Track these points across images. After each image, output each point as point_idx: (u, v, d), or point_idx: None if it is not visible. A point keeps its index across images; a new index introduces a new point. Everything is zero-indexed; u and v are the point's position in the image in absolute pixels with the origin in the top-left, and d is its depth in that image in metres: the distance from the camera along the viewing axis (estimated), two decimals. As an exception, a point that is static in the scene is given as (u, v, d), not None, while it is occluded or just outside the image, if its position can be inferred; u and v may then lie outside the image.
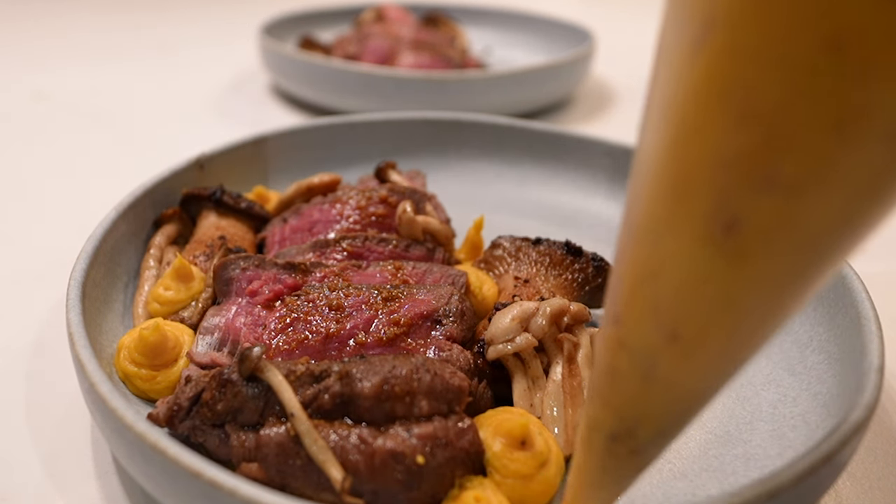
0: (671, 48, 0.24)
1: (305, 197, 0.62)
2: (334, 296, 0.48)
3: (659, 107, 0.25)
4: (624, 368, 0.29)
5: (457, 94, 0.98)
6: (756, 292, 0.25)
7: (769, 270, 0.24)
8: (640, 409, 0.30)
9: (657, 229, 0.26)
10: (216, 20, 1.75)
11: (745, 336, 0.26)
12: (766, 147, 0.22)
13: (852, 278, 0.48)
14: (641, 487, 0.42)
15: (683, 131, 0.24)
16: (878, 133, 0.21)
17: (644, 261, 0.27)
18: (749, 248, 0.23)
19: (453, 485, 0.38)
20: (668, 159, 0.25)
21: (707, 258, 0.24)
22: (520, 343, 0.45)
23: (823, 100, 0.20)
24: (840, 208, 0.22)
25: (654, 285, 0.27)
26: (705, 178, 0.23)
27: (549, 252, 0.55)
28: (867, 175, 0.21)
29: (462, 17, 1.45)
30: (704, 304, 0.25)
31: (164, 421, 0.39)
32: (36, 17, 1.65)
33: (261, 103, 1.15)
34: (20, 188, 0.84)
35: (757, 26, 0.21)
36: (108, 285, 0.52)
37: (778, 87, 0.21)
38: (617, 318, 0.29)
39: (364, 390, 0.38)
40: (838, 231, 0.23)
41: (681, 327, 0.26)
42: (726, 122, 0.22)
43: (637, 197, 0.27)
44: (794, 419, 0.44)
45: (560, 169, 0.76)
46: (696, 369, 0.28)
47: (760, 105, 0.21)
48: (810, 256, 0.24)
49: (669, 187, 0.25)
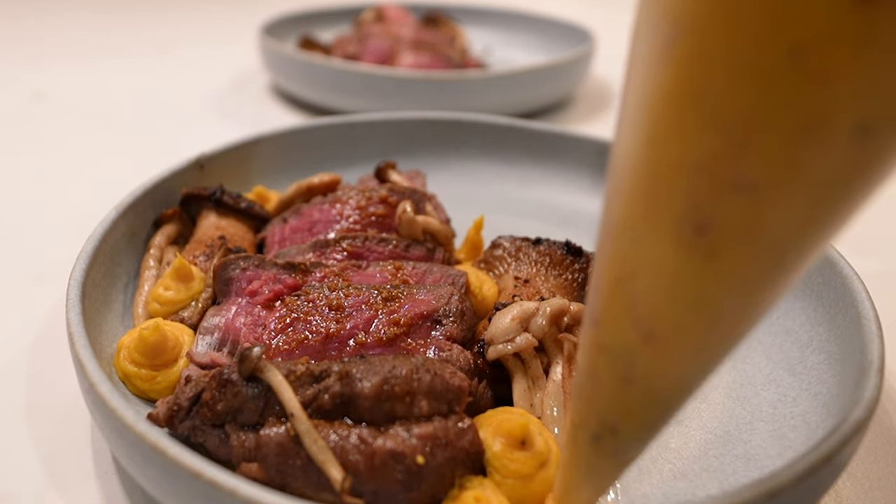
0: (643, 51, 0.24)
1: (305, 197, 0.62)
2: (334, 296, 0.48)
3: (632, 109, 0.25)
4: (603, 370, 0.30)
5: (457, 94, 0.98)
6: (728, 291, 0.25)
7: (740, 270, 0.24)
8: (621, 410, 0.31)
9: (633, 230, 0.26)
10: (216, 20, 1.75)
11: (719, 334, 0.27)
12: (733, 150, 0.22)
13: (852, 278, 0.48)
14: (641, 487, 0.42)
15: (655, 134, 0.24)
16: (841, 135, 0.21)
17: (620, 261, 0.27)
18: (720, 248, 0.24)
19: (453, 485, 0.38)
20: (641, 161, 0.25)
21: (680, 258, 0.25)
22: (520, 343, 0.45)
23: (787, 104, 0.21)
24: (807, 208, 0.23)
25: (630, 285, 0.27)
26: (677, 180, 0.24)
27: (549, 252, 0.55)
28: (832, 176, 0.22)
29: (462, 17, 1.45)
30: (678, 303, 0.26)
31: (164, 421, 0.39)
32: (35, 16, 1.65)
33: (261, 103, 1.15)
34: (20, 188, 0.84)
35: (722, 32, 0.21)
36: (107, 285, 0.52)
37: (743, 92, 0.21)
38: (595, 320, 0.30)
39: (364, 390, 0.38)
40: (806, 231, 0.23)
41: (656, 326, 0.27)
42: (695, 125, 0.23)
43: (613, 198, 0.27)
44: (795, 419, 0.44)
45: (560, 169, 0.76)
46: (673, 368, 0.28)
47: (727, 109, 0.22)
48: (780, 256, 0.24)
49: (643, 189, 0.25)
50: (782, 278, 0.25)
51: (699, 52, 0.22)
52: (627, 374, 0.29)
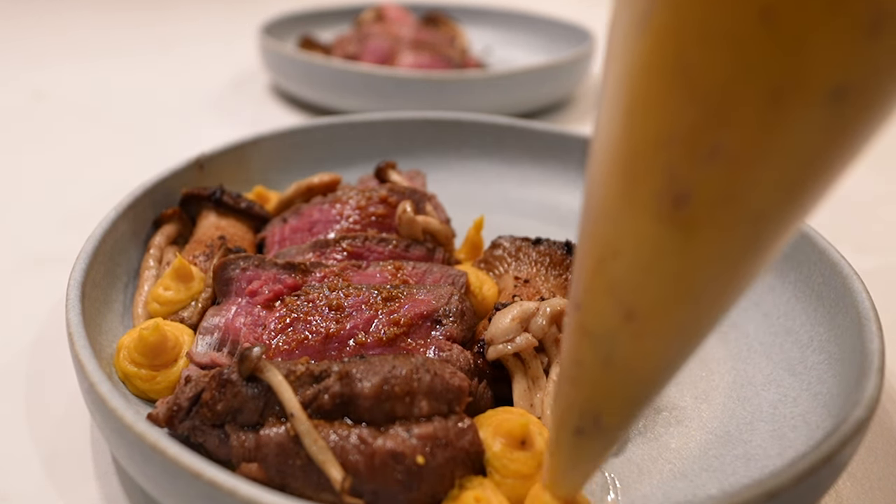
0: (621, 25, 0.24)
1: (305, 197, 0.62)
2: (334, 296, 0.47)
3: (611, 86, 0.25)
4: (586, 357, 0.30)
5: (457, 94, 0.98)
6: (708, 265, 0.25)
7: (719, 243, 0.24)
8: (603, 397, 0.31)
9: (613, 208, 0.26)
10: (216, 19, 1.75)
11: (699, 311, 0.27)
12: (709, 120, 0.22)
13: (852, 278, 0.48)
14: (641, 488, 0.42)
15: (632, 107, 0.24)
16: (816, 101, 0.21)
17: (601, 241, 0.27)
18: (698, 221, 0.24)
19: (453, 485, 0.38)
20: (619, 137, 0.25)
21: (659, 233, 0.25)
22: (520, 343, 0.45)
23: (760, 70, 0.21)
24: (784, 177, 0.23)
25: (611, 265, 0.27)
26: (655, 154, 0.24)
27: (549, 252, 0.55)
28: (808, 143, 0.22)
29: (462, 17, 1.44)
30: (658, 280, 0.26)
31: (164, 421, 0.39)
32: (36, 15, 1.65)
33: (261, 103, 1.15)
34: (20, 187, 0.84)
35: (696, 1, 0.21)
36: (107, 285, 0.52)
37: (718, 59, 0.21)
38: (578, 304, 0.30)
39: (364, 390, 0.38)
40: (783, 200, 0.23)
41: (637, 304, 0.27)
42: (671, 96, 0.23)
43: (594, 179, 0.27)
44: (795, 419, 0.44)
45: (560, 169, 0.76)
46: (654, 348, 0.28)
47: (703, 78, 0.22)
48: (759, 227, 0.24)
49: (622, 164, 0.25)
50: (761, 252, 0.25)
51: (675, 21, 0.22)
52: (610, 358, 0.29)
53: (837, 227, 0.61)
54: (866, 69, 0.20)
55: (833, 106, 0.21)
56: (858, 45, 0.20)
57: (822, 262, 0.51)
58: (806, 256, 0.53)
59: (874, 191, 0.86)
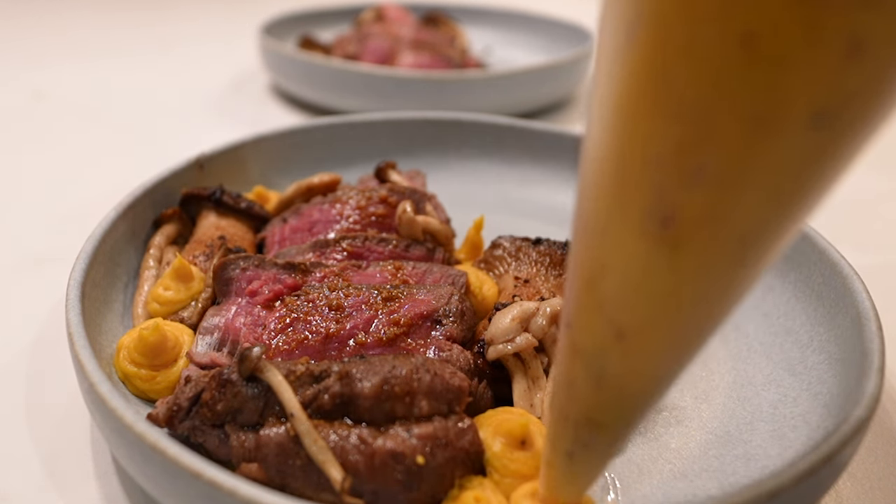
0: (608, 43, 0.24)
1: (305, 197, 0.62)
2: (334, 296, 0.47)
3: (599, 103, 0.25)
4: (578, 376, 0.30)
5: (457, 94, 0.98)
6: (695, 284, 0.25)
7: (705, 262, 0.24)
8: (596, 416, 0.31)
9: (603, 225, 0.26)
10: (216, 19, 1.75)
11: (688, 329, 0.27)
12: (694, 141, 0.22)
13: (852, 278, 0.48)
14: (641, 488, 0.42)
15: (620, 126, 0.24)
16: (798, 124, 0.21)
17: (590, 259, 0.27)
18: (685, 241, 0.24)
19: (453, 485, 0.38)
20: (607, 155, 0.25)
21: (647, 252, 0.25)
22: (520, 343, 0.45)
23: (740, 94, 0.21)
24: (768, 198, 0.23)
25: (600, 283, 0.27)
26: (642, 173, 0.24)
27: (549, 252, 0.55)
28: (792, 164, 0.22)
29: (462, 17, 1.44)
30: (646, 299, 0.26)
31: (164, 421, 0.39)
32: (36, 15, 1.65)
33: (261, 103, 1.15)
34: (20, 187, 0.84)
35: (678, 22, 0.21)
36: (107, 285, 0.52)
37: (702, 80, 0.21)
38: (569, 322, 0.30)
39: (364, 390, 0.38)
40: (768, 221, 0.23)
41: (626, 323, 0.27)
42: (656, 117, 0.23)
43: (584, 195, 0.27)
44: (795, 419, 0.44)
45: (560, 169, 0.76)
46: (644, 366, 0.28)
47: (686, 100, 0.22)
48: (743, 247, 0.24)
49: (611, 183, 0.25)
50: (747, 270, 0.25)
51: (661, 38, 0.22)
52: (601, 377, 0.29)
53: (837, 225, 0.61)
54: (845, 95, 0.20)
55: (814, 131, 0.21)
56: (836, 72, 0.20)
57: (822, 261, 0.51)
58: (806, 256, 0.53)
59: (875, 188, 0.86)
